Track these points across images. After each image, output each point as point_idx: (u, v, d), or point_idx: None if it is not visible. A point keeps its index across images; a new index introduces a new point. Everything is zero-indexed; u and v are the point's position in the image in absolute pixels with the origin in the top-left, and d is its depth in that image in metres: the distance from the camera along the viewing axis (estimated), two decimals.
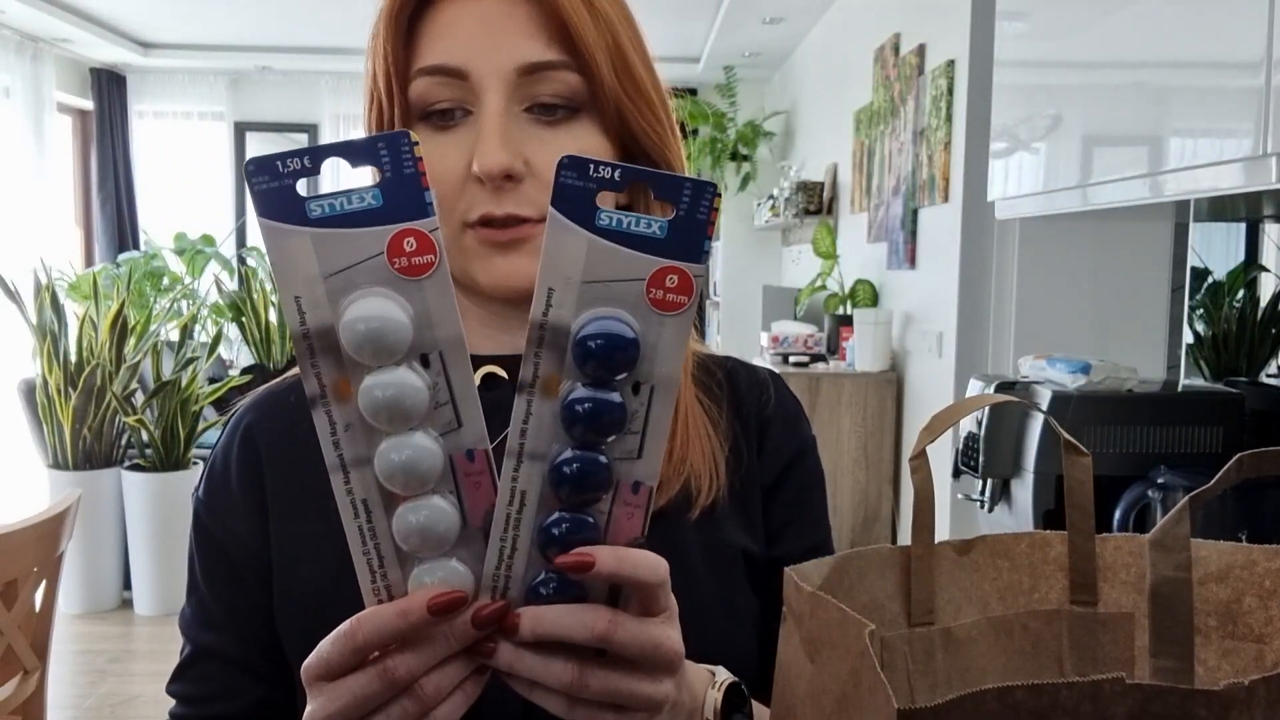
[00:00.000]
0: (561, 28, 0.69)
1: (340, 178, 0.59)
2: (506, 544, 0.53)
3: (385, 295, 0.50)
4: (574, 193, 0.50)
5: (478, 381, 0.77)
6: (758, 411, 0.83)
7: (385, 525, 0.53)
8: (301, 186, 0.50)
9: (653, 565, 0.54)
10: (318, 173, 0.50)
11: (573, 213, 0.50)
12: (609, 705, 0.55)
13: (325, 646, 0.54)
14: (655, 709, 0.56)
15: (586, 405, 0.51)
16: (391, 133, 0.49)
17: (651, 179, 0.51)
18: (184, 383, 4.12)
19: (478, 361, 0.78)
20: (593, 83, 0.71)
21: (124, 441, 4.22)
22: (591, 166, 0.50)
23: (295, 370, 0.63)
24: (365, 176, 0.53)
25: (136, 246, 7.19)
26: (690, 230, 0.50)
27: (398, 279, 0.50)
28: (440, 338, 0.51)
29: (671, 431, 0.75)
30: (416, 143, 0.49)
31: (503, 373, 0.78)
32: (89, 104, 7.31)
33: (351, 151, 0.50)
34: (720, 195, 0.51)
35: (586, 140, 0.72)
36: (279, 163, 0.49)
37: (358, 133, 0.66)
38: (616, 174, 0.50)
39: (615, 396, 0.51)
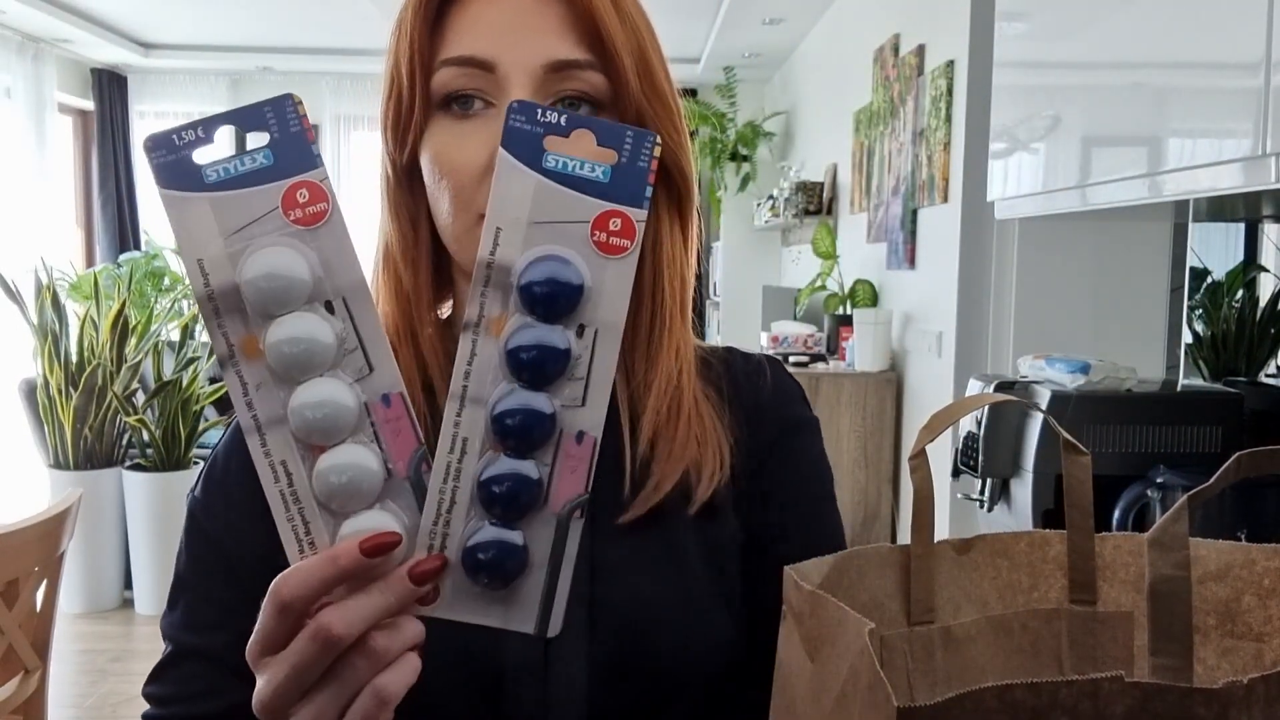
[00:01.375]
0: (592, 28, 0.70)
1: None
2: (446, 495, 0.53)
3: (278, 244, 0.51)
4: (523, 136, 0.52)
5: None
6: (753, 399, 0.83)
7: (307, 485, 0.52)
8: (199, 156, 0.52)
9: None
10: (211, 141, 0.52)
11: (521, 154, 0.52)
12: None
13: (260, 619, 0.53)
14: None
15: (533, 348, 0.52)
16: (277, 96, 0.51)
17: (594, 125, 0.53)
18: (185, 383, 4.12)
19: None
20: (617, 85, 0.71)
21: (125, 441, 4.22)
22: (539, 111, 0.52)
23: None
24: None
25: (137, 247, 7.19)
26: (632, 176, 0.52)
27: (295, 230, 0.51)
28: (342, 284, 0.52)
29: (673, 429, 0.75)
30: (300, 102, 0.51)
31: None
32: (90, 104, 7.31)
33: (240, 118, 0.52)
34: (660, 144, 0.52)
35: None
36: (174, 136, 0.51)
37: (362, 134, 0.66)
38: (563, 119, 0.52)
39: (561, 335, 0.52)
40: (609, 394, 0.54)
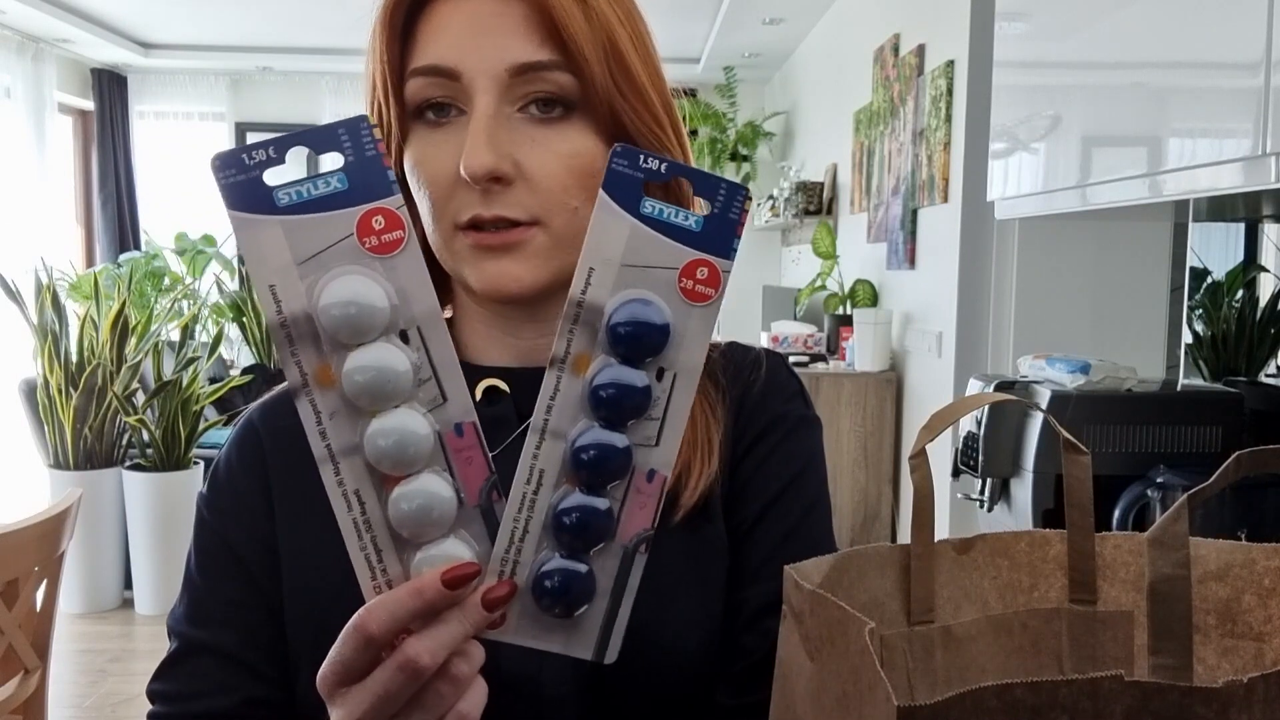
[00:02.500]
0: (553, 27, 0.69)
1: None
2: (519, 525, 0.54)
3: (357, 272, 0.51)
4: (623, 180, 0.53)
5: (478, 396, 0.77)
6: (746, 390, 0.81)
7: (380, 514, 0.53)
8: (269, 177, 0.51)
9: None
10: (283, 162, 0.51)
11: (620, 198, 0.53)
12: None
13: (337, 650, 0.53)
14: None
15: (614, 381, 0.53)
16: (351, 118, 0.51)
17: (691, 175, 0.54)
18: (185, 383, 4.12)
19: (479, 372, 0.78)
20: (584, 83, 0.70)
21: (125, 441, 4.22)
22: (641, 157, 0.53)
23: None
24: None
25: (137, 246, 7.18)
26: (722, 227, 0.53)
27: (370, 258, 0.51)
28: (417, 313, 0.52)
29: None
30: (375, 125, 0.52)
31: (504, 386, 0.77)
32: (90, 104, 7.31)
33: (314, 139, 0.51)
34: (751, 199, 0.53)
35: (580, 140, 0.71)
36: (244, 155, 0.50)
37: None
38: (663, 167, 0.53)
39: (641, 377, 0.53)
40: (682, 435, 0.55)
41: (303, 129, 0.52)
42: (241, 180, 0.50)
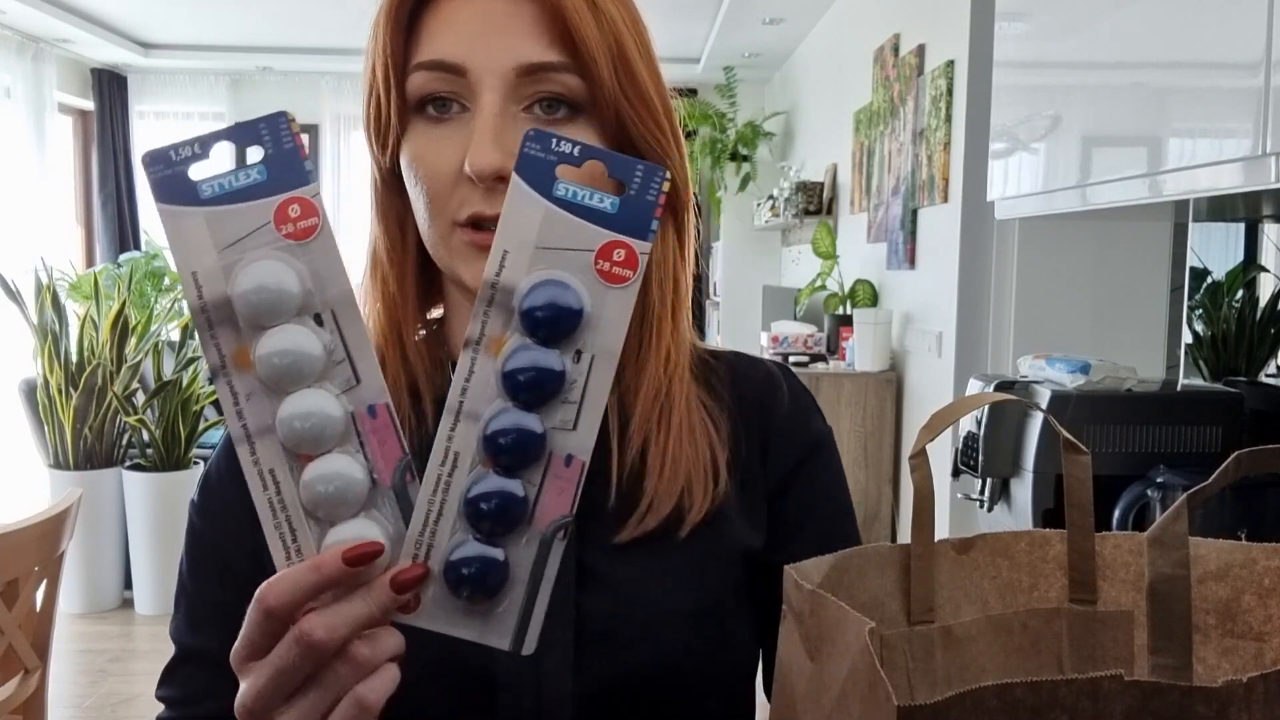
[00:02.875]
0: (564, 29, 0.68)
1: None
2: (434, 507, 0.54)
3: (269, 257, 0.52)
4: (536, 163, 0.53)
5: None
6: (764, 409, 0.81)
7: (294, 493, 0.53)
8: (194, 172, 0.53)
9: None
10: (207, 157, 0.53)
11: (534, 181, 0.53)
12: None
13: (245, 625, 0.53)
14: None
15: (530, 370, 0.53)
16: (270, 114, 0.52)
17: (606, 158, 0.54)
18: (185, 383, 4.12)
19: None
20: (592, 86, 0.70)
21: (125, 441, 4.22)
22: (554, 140, 0.53)
23: None
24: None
25: (137, 246, 7.18)
26: (639, 209, 0.53)
27: (287, 244, 0.52)
28: (331, 297, 0.53)
29: (663, 438, 0.74)
30: (293, 119, 0.52)
31: None
32: (90, 104, 7.31)
33: (236, 134, 0.53)
34: (669, 179, 0.53)
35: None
36: (172, 151, 0.52)
37: (360, 133, 0.66)
38: (576, 150, 0.53)
39: (556, 359, 0.53)
40: (600, 419, 0.54)
41: (302, 128, 0.53)
42: (169, 175, 0.52)
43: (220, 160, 0.52)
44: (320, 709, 0.53)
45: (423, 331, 0.79)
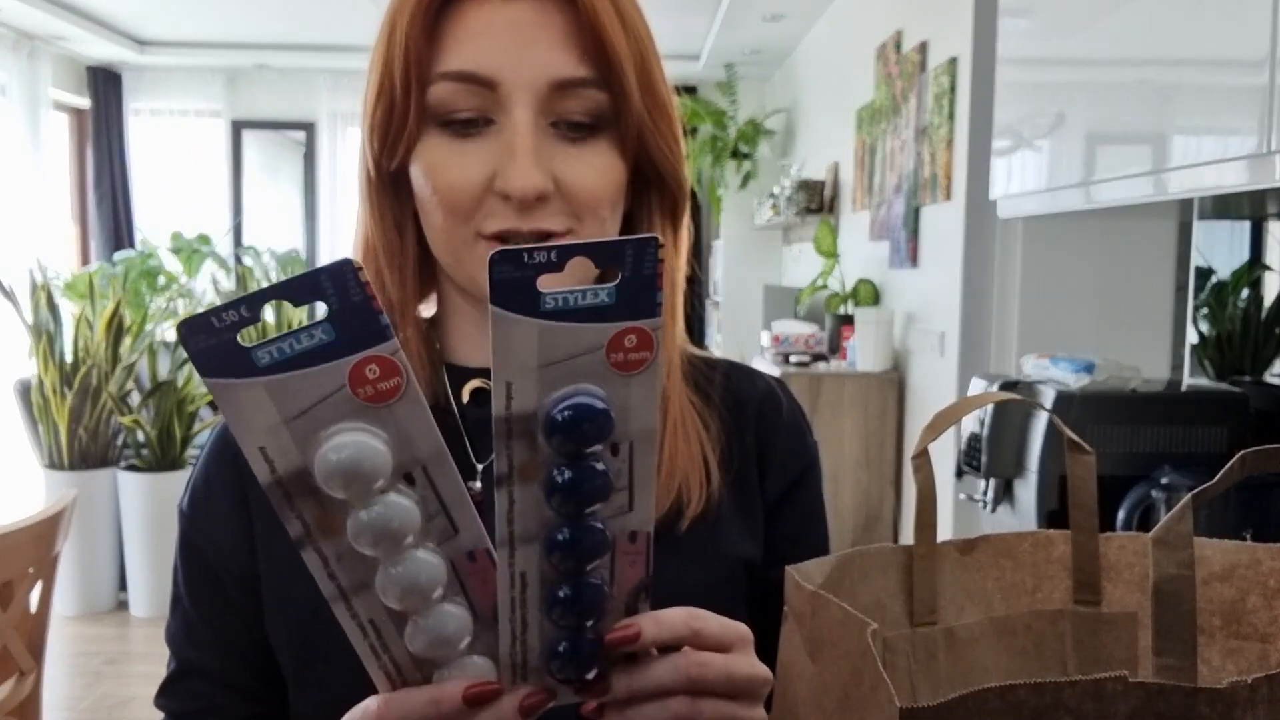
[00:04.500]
0: (595, 42, 0.68)
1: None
2: (516, 622, 0.53)
3: (355, 429, 0.48)
4: (513, 286, 0.47)
5: (466, 398, 0.77)
6: (762, 420, 0.82)
7: (396, 635, 0.53)
8: (243, 337, 0.47)
9: (681, 619, 0.55)
10: (257, 320, 0.46)
11: (515, 305, 0.48)
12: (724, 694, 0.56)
13: None
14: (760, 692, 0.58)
15: (569, 481, 0.50)
16: (333, 264, 0.46)
17: (589, 250, 0.49)
18: (180, 383, 4.12)
19: (466, 374, 0.78)
20: (620, 101, 0.69)
21: (120, 441, 4.22)
22: (525, 255, 0.47)
23: None
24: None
25: (132, 245, 7.18)
26: (639, 288, 0.48)
27: (365, 408, 0.48)
28: (421, 455, 0.49)
29: (660, 440, 0.74)
30: (360, 268, 0.46)
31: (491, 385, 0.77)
32: (85, 102, 7.31)
33: (292, 291, 0.46)
34: (662, 245, 0.49)
35: (606, 158, 0.71)
36: (213, 319, 0.46)
37: (356, 130, 0.64)
38: (553, 255, 0.47)
39: (596, 466, 0.51)
40: (654, 490, 0.53)
41: (299, 125, 0.50)
42: (213, 345, 0.46)
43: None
44: None
45: (410, 330, 0.78)
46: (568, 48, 0.68)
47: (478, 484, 0.75)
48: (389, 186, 0.74)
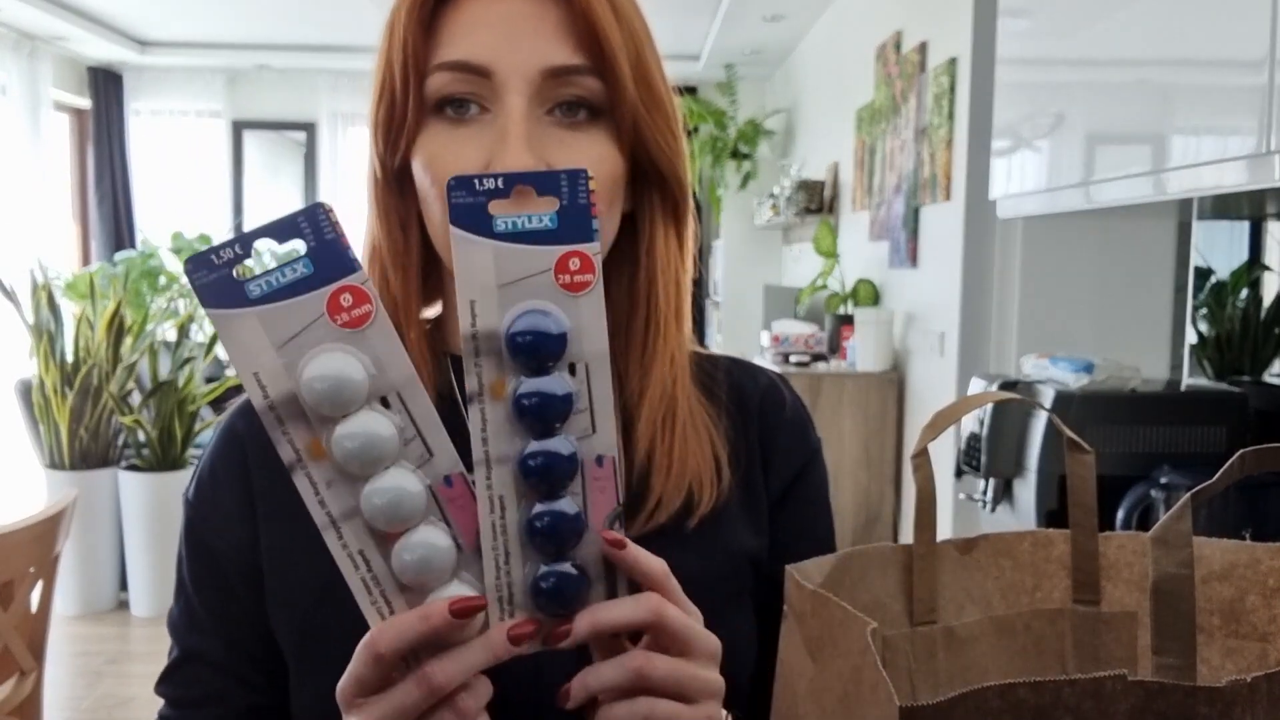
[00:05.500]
0: (589, 32, 0.69)
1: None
2: (499, 550, 0.56)
3: (334, 349, 0.54)
4: (468, 209, 0.54)
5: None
6: (765, 416, 0.82)
7: (385, 567, 0.56)
8: (239, 271, 0.54)
9: (658, 561, 0.58)
10: (249, 256, 0.53)
11: (472, 226, 0.54)
12: (672, 694, 0.58)
13: (352, 665, 0.56)
14: (713, 695, 0.59)
15: (535, 397, 0.55)
16: (308, 206, 0.53)
17: (531, 179, 0.55)
18: (181, 383, 4.11)
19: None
20: (613, 89, 0.70)
21: (121, 441, 4.22)
22: (477, 181, 0.54)
23: None
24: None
25: (133, 245, 7.18)
26: (576, 214, 0.54)
27: (343, 333, 0.54)
28: (393, 379, 0.55)
29: (668, 438, 0.75)
30: (330, 209, 0.53)
31: None
32: (86, 102, 7.31)
33: (276, 231, 0.54)
34: (592, 177, 0.55)
35: (601, 147, 0.71)
36: (213, 255, 0.53)
37: (359, 131, 0.65)
38: (500, 182, 0.54)
39: (558, 382, 0.55)
40: (614, 413, 0.57)
41: (299, 126, 0.54)
42: (213, 279, 0.53)
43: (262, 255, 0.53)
44: None
45: (415, 332, 0.79)
46: (561, 38, 0.69)
47: None
48: (394, 187, 0.75)
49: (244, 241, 0.53)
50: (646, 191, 0.77)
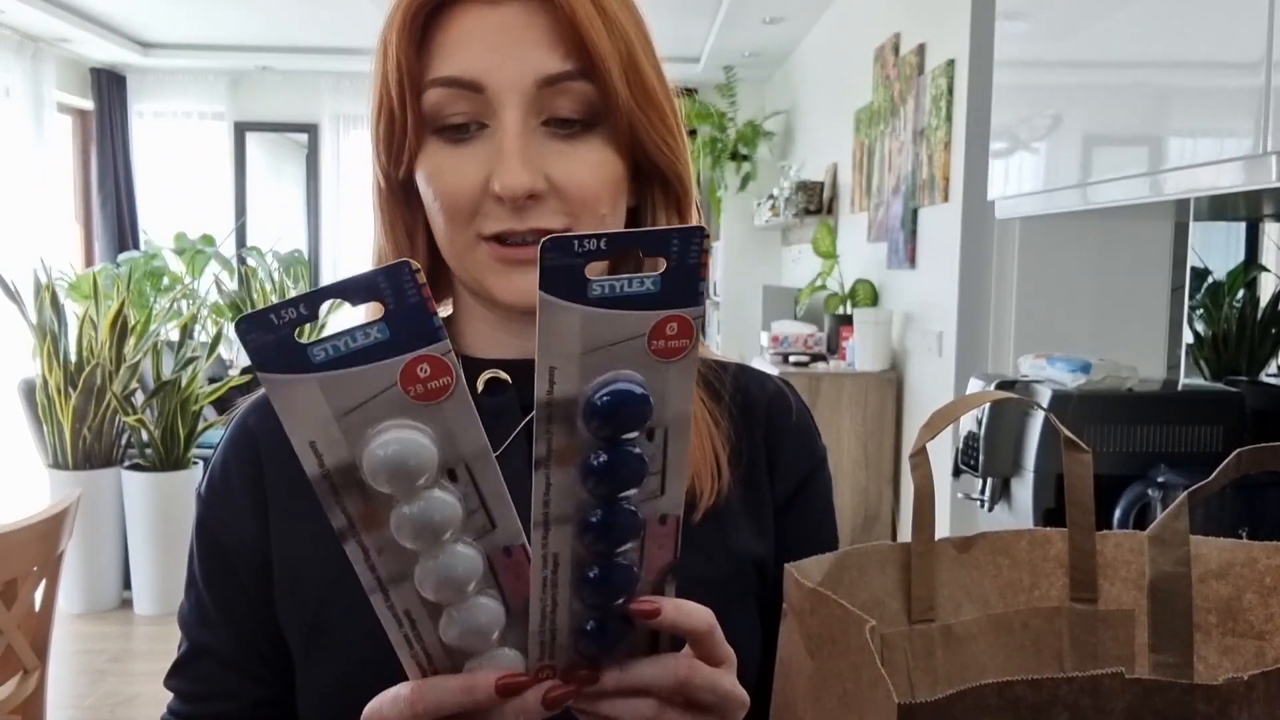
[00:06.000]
0: (576, 38, 0.68)
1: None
2: (547, 602, 0.54)
3: (401, 426, 0.49)
4: (562, 273, 0.48)
5: (480, 388, 0.77)
6: (771, 422, 0.83)
7: (430, 626, 0.54)
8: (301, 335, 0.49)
9: (704, 615, 0.56)
10: (315, 319, 0.48)
11: (564, 293, 0.48)
12: None
13: (384, 707, 0.55)
14: None
15: (606, 464, 0.51)
16: (391, 264, 0.48)
17: (637, 239, 0.50)
18: (184, 382, 4.11)
19: (482, 365, 0.78)
20: (606, 94, 0.70)
21: (124, 441, 4.22)
22: (576, 243, 0.48)
23: None
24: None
25: (136, 246, 7.18)
26: (683, 277, 0.49)
27: (415, 405, 0.49)
28: (465, 453, 0.51)
29: None
30: (418, 270, 0.47)
31: (506, 377, 0.78)
32: (89, 104, 7.30)
33: (350, 290, 0.48)
34: (708, 235, 0.50)
35: (599, 153, 0.71)
36: (272, 315, 0.47)
37: (361, 133, 0.64)
38: (603, 243, 0.48)
39: (633, 451, 0.51)
40: (686, 476, 0.54)
41: (302, 128, 0.51)
42: (270, 340, 0.47)
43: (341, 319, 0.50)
44: None
45: None
46: (552, 45, 0.69)
47: None
48: (399, 195, 0.76)
49: (309, 301, 0.47)
50: (648, 187, 0.78)
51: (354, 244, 7.48)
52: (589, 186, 0.71)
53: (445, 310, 0.82)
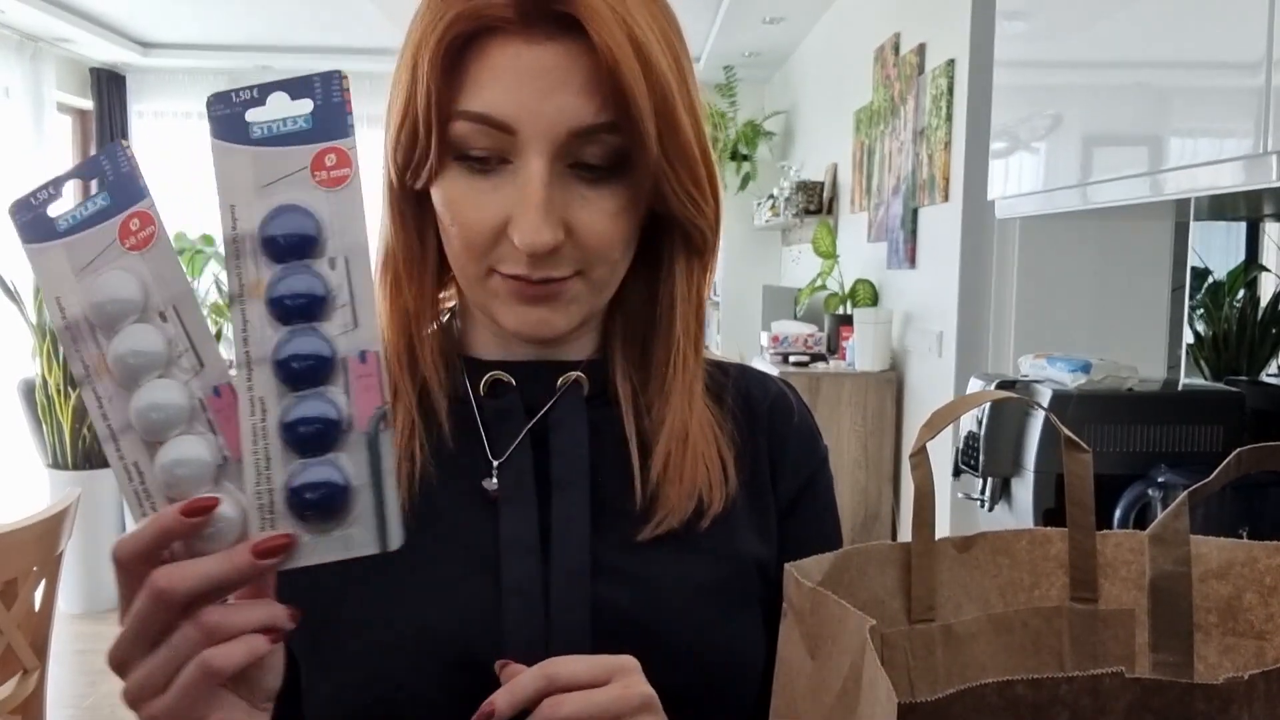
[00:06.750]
0: (614, 88, 0.67)
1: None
2: (260, 454, 0.56)
3: (113, 269, 0.56)
4: (228, 121, 0.56)
5: (483, 390, 0.77)
6: (773, 424, 0.83)
7: (155, 481, 0.57)
8: (53, 210, 0.57)
9: (534, 676, 0.60)
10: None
11: (230, 135, 0.56)
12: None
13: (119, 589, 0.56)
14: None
15: (282, 284, 0.56)
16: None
17: (285, 86, 0.57)
18: None
19: (485, 367, 0.79)
20: (637, 149, 0.69)
21: None
22: (234, 95, 0.56)
23: None
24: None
25: None
26: (330, 113, 0.56)
27: (129, 255, 0.56)
28: (171, 294, 0.57)
29: (680, 456, 0.75)
30: (128, 145, 0.57)
31: (509, 378, 0.78)
32: (89, 104, 7.30)
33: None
34: (345, 76, 0.57)
35: (621, 201, 0.70)
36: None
37: (361, 132, 0.65)
38: (256, 92, 0.56)
39: (311, 279, 0.56)
40: (375, 308, 0.57)
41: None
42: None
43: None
44: (168, 668, 0.55)
45: (433, 326, 0.80)
46: (589, 94, 0.67)
47: (494, 481, 0.75)
48: (413, 197, 0.75)
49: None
50: (669, 234, 0.77)
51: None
52: (606, 236, 0.70)
53: (451, 304, 0.83)
